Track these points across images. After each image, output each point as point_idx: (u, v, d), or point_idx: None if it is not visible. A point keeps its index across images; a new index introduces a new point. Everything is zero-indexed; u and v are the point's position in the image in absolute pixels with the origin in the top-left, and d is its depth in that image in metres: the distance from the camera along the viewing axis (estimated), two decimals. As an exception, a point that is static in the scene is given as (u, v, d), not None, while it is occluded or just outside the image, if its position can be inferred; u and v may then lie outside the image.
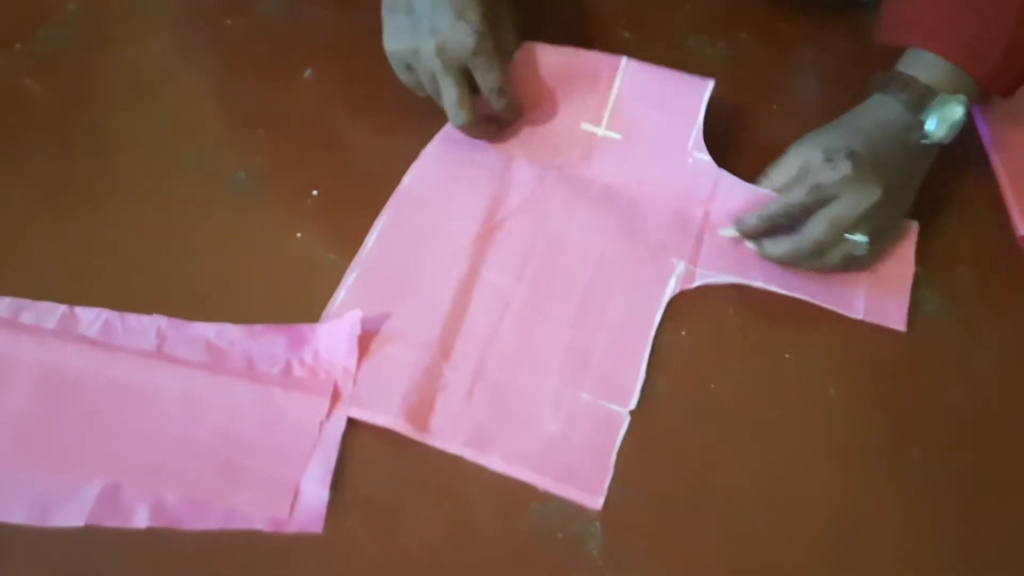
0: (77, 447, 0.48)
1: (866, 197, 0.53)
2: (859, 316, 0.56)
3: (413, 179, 0.60)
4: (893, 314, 0.56)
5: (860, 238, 0.53)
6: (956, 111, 0.55)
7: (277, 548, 0.46)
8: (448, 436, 0.50)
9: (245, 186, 0.59)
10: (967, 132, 0.67)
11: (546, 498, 0.48)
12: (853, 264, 0.55)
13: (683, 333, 0.55)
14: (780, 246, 0.55)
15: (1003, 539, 0.48)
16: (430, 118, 0.62)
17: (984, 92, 0.56)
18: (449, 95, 0.56)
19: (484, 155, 0.61)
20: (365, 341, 0.52)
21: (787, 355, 0.54)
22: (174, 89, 0.64)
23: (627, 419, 0.51)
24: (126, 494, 0.46)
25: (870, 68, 0.60)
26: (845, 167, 0.52)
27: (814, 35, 0.71)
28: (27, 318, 0.52)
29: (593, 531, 0.47)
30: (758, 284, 0.56)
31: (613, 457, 0.50)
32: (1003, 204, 0.62)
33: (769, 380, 0.53)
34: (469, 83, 0.57)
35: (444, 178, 0.60)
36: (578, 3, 0.71)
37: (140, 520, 0.46)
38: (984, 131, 0.66)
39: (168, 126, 0.62)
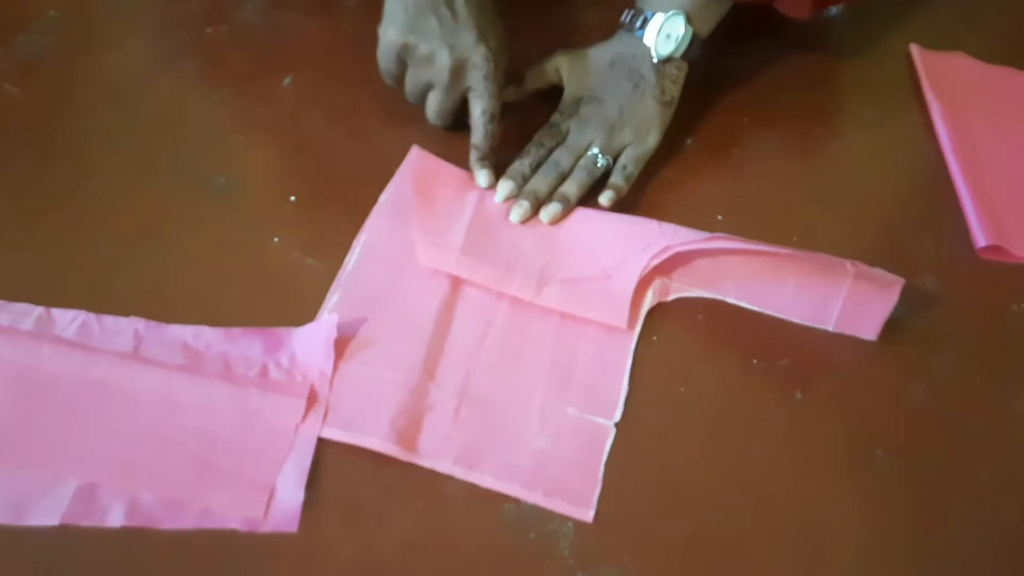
0: (53, 446, 0.48)
1: (602, 122, 0.61)
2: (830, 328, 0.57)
3: (389, 198, 0.60)
4: (865, 326, 0.57)
5: (594, 151, 0.61)
6: (677, 24, 0.62)
7: (252, 548, 0.46)
8: (437, 456, 0.50)
9: (224, 191, 0.60)
10: (929, 145, 0.69)
11: (519, 498, 0.49)
12: (598, 177, 0.61)
13: (654, 338, 0.56)
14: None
15: (960, 537, 0.50)
16: (408, 126, 0.63)
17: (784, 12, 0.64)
18: (442, 103, 0.59)
19: (454, 174, 0.61)
20: (341, 345, 0.52)
21: (755, 360, 0.56)
22: (154, 95, 0.65)
23: (613, 431, 0.51)
24: (101, 493, 0.46)
25: (839, 80, 0.61)
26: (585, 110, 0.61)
27: (784, 49, 0.73)
28: (3, 319, 0.52)
29: (565, 531, 0.48)
30: (730, 300, 0.58)
31: (601, 470, 0.50)
32: (963, 217, 0.64)
33: (737, 384, 0.54)
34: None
35: (419, 196, 0.60)
36: (560, 15, 0.73)
37: (115, 519, 0.46)
38: (946, 144, 0.68)
39: (148, 131, 0.62)
